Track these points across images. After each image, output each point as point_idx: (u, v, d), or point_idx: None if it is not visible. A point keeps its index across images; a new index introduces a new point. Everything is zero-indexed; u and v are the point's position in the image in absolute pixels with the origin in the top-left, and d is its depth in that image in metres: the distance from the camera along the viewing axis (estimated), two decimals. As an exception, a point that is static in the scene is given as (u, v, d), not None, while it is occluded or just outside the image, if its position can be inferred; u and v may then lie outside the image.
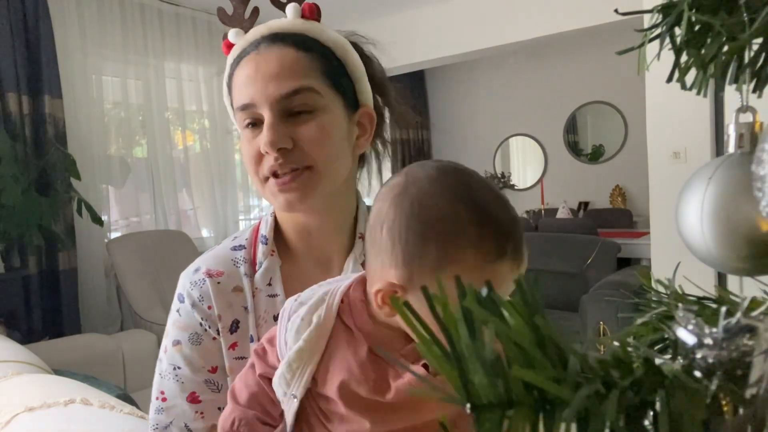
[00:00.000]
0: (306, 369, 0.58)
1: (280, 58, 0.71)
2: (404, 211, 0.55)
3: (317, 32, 0.75)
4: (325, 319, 0.59)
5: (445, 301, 0.21)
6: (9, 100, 2.90)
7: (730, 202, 0.33)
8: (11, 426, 1.07)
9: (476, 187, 0.56)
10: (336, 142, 0.73)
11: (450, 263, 0.53)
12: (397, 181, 0.58)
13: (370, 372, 0.56)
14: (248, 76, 0.72)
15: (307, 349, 0.58)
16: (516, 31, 3.89)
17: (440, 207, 0.54)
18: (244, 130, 0.73)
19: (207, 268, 0.77)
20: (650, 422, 0.20)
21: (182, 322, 0.76)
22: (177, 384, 0.74)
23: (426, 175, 0.56)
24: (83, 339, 2.62)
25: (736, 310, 0.25)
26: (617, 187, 5.29)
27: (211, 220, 4.06)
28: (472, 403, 0.19)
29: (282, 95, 0.70)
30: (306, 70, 0.71)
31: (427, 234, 0.53)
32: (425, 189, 0.55)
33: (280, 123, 0.70)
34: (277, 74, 0.70)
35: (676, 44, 0.32)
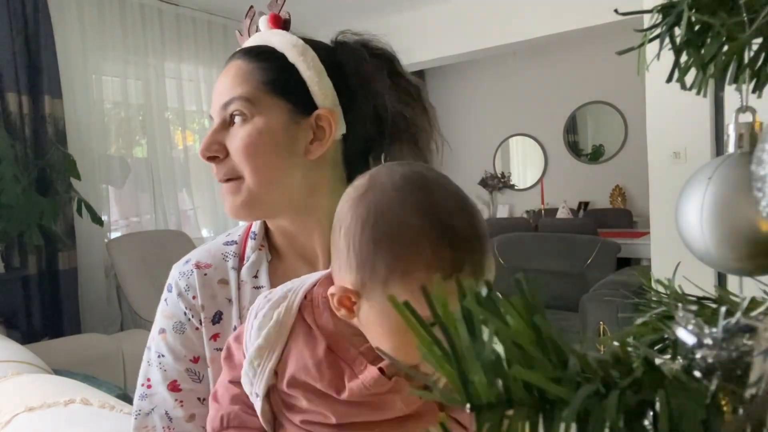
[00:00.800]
0: (266, 366, 0.58)
1: (228, 71, 0.75)
2: (360, 217, 0.53)
3: (273, 41, 0.76)
4: (284, 316, 0.59)
5: (445, 302, 0.21)
6: (9, 100, 2.90)
7: (730, 202, 0.33)
8: (11, 426, 1.08)
9: (440, 198, 0.53)
10: (267, 150, 0.72)
11: (401, 276, 0.51)
12: (359, 183, 0.56)
13: (326, 370, 0.56)
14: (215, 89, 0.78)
15: (267, 346, 0.58)
16: (516, 31, 3.89)
17: (396, 217, 0.52)
18: None
19: (197, 261, 0.80)
20: (650, 422, 0.20)
21: (168, 311, 0.78)
22: (160, 371, 0.76)
23: (389, 180, 0.54)
24: (83, 339, 2.62)
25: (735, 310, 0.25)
26: (617, 187, 5.29)
27: (211, 220, 4.06)
28: (472, 403, 0.19)
29: (220, 105, 0.74)
30: (243, 80, 0.73)
31: (379, 244, 0.52)
32: (385, 196, 0.53)
33: (219, 132, 0.74)
34: (223, 87, 0.74)
35: (676, 44, 0.32)
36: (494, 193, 5.98)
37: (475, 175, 5.95)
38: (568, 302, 3.37)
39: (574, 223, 4.36)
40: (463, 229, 0.52)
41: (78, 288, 3.17)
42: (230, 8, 3.94)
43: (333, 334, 0.58)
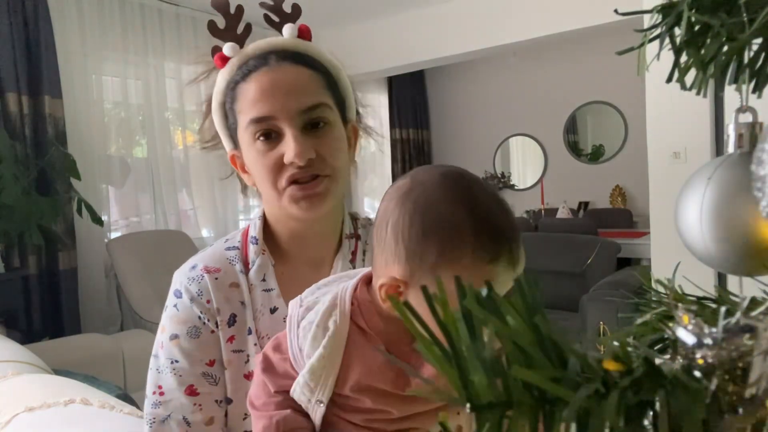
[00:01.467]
0: (330, 374, 0.60)
1: (295, 74, 0.75)
2: (408, 211, 0.58)
3: (317, 52, 0.80)
4: (341, 324, 0.61)
5: (445, 301, 0.21)
6: (9, 100, 2.91)
7: (730, 202, 0.33)
8: (11, 426, 1.08)
9: (477, 192, 0.58)
10: (344, 152, 0.79)
11: (448, 262, 0.56)
12: (402, 183, 0.60)
13: (389, 371, 0.59)
14: (263, 89, 0.74)
15: (328, 355, 0.60)
16: (516, 31, 3.89)
17: (441, 209, 0.57)
18: (256, 142, 0.75)
19: (204, 265, 0.81)
20: (650, 422, 0.20)
21: (180, 316, 0.78)
22: (175, 377, 0.76)
23: (430, 178, 0.59)
24: (83, 339, 2.62)
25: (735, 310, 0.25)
26: (617, 187, 5.29)
27: (211, 220, 4.06)
28: (472, 403, 0.19)
29: (302, 109, 0.74)
30: (319, 86, 0.76)
31: (427, 234, 0.56)
32: (429, 192, 0.58)
33: (303, 135, 0.73)
34: (297, 89, 0.74)
35: (676, 44, 0.32)
36: (494, 193, 5.97)
37: (475, 175, 5.95)
38: (568, 302, 3.37)
39: (574, 223, 4.35)
40: (500, 221, 0.57)
41: (78, 288, 3.17)
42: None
43: (386, 335, 0.61)
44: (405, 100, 5.87)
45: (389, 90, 5.73)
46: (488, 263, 0.56)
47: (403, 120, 5.84)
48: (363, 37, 4.29)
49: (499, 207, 0.59)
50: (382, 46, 4.30)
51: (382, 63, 4.37)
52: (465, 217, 0.56)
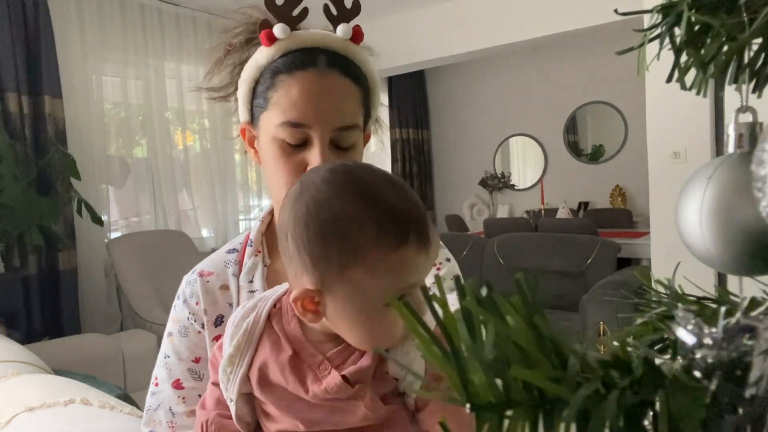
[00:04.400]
0: (237, 373, 0.61)
1: (342, 88, 0.75)
2: (301, 216, 0.56)
3: (363, 62, 0.79)
4: (253, 325, 0.62)
5: (445, 302, 0.21)
6: (9, 100, 2.91)
7: (730, 202, 0.33)
8: (11, 426, 1.07)
9: (369, 180, 0.57)
10: None
11: (355, 259, 0.54)
12: (293, 189, 0.59)
13: (289, 375, 0.59)
14: (308, 95, 0.73)
15: (237, 353, 0.61)
16: (516, 31, 3.89)
17: (333, 205, 0.55)
18: (285, 143, 0.75)
19: (201, 270, 0.84)
20: (650, 422, 0.20)
21: (175, 316, 0.83)
22: (165, 371, 0.81)
23: (319, 177, 0.58)
24: (83, 339, 2.62)
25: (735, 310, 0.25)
26: (617, 187, 5.29)
27: (211, 220, 4.06)
28: (472, 403, 0.19)
29: (338, 127, 0.74)
30: (357, 104, 0.77)
31: (326, 235, 0.55)
32: (318, 191, 0.56)
33: (328, 152, 0.74)
34: (339, 105, 0.74)
35: (676, 44, 0.32)
36: (494, 193, 5.98)
37: (475, 175, 5.96)
38: (568, 302, 3.37)
39: (574, 223, 4.35)
40: (397, 203, 0.55)
41: (78, 288, 3.17)
42: (230, 8, 3.93)
43: (299, 341, 0.61)
44: (405, 100, 5.87)
45: (389, 90, 5.73)
46: (396, 250, 0.54)
47: (403, 120, 5.84)
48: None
49: (396, 190, 0.57)
50: (383, 46, 4.29)
51: (382, 63, 4.36)
52: (359, 207, 0.55)
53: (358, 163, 0.61)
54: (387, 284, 0.55)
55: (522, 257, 3.69)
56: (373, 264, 0.54)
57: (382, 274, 0.55)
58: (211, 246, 4.04)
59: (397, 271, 0.55)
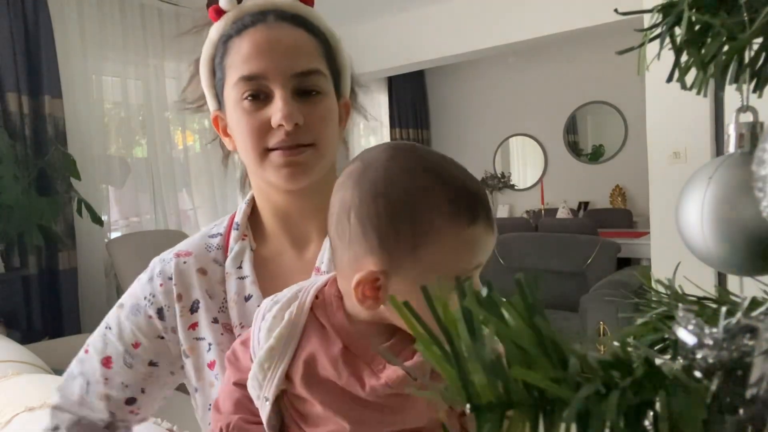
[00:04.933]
0: (278, 368, 0.56)
1: (293, 36, 0.71)
2: (369, 193, 0.53)
3: (318, 19, 0.76)
4: (296, 316, 0.57)
5: (445, 303, 0.21)
6: (9, 100, 2.90)
7: (731, 202, 0.33)
8: (11, 426, 1.07)
9: (434, 159, 0.55)
10: (334, 125, 0.76)
11: (426, 235, 0.52)
12: (353, 167, 0.56)
13: (343, 369, 0.54)
14: (258, 46, 0.70)
15: (278, 347, 0.56)
16: (516, 31, 3.89)
17: (404, 182, 0.53)
18: (242, 101, 0.71)
19: (178, 250, 0.80)
20: (650, 422, 0.20)
21: (134, 291, 0.79)
22: (102, 343, 0.78)
23: (381, 155, 0.55)
24: (83, 339, 2.61)
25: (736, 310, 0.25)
26: (617, 187, 5.29)
27: (211, 220, 4.03)
28: (472, 403, 0.19)
29: (297, 72, 0.70)
30: (316, 53, 0.73)
31: (398, 211, 0.52)
32: (385, 167, 0.54)
33: (292, 99, 0.70)
34: (293, 51, 0.70)
35: (676, 44, 0.32)
36: (494, 193, 5.98)
37: (475, 175, 5.92)
38: (568, 302, 3.37)
39: (574, 223, 4.35)
40: (468, 183, 0.55)
41: (78, 288, 3.17)
42: (230, 8, 3.94)
43: (349, 334, 0.56)
44: (405, 100, 5.87)
45: (389, 90, 5.73)
46: (467, 227, 0.52)
47: (403, 120, 5.84)
48: (363, 37, 4.29)
49: (459, 168, 0.56)
50: (382, 46, 4.30)
51: (382, 63, 4.37)
52: (431, 183, 0.53)
53: (412, 143, 0.58)
54: (457, 263, 0.53)
55: (522, 257, 3.69)
56: (446, 242, 0.52)
57: (454, 253, 0.53)
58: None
59: (468, 249, 0.53)
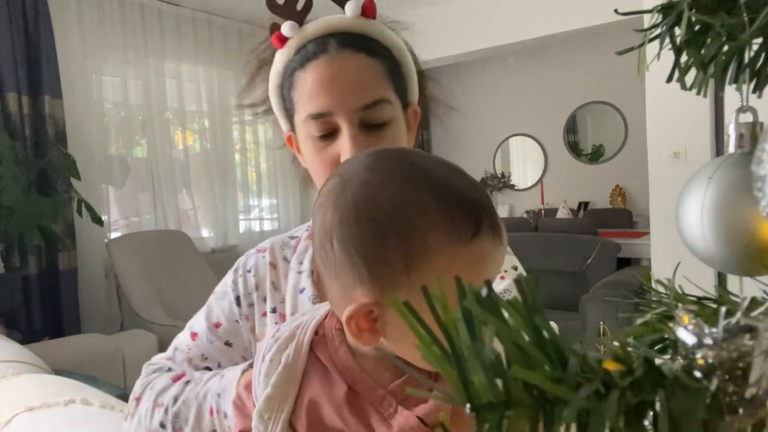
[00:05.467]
0: (278, 419, 0.50)
1: (356, 66, 0.70)
2: (349, 213, 0.46)
3: (379, 33, 0.74)
4: (293, 359, 0.51)
5: (445, 302, 0.21)
6: (9, 100, 2.91)
7: (731, 202, 0.33)
8: (11, 426, 1.07)
9: (424, 163, 0.47)
10: (403, 144, 0.75)
11: (420, 256, 0.44)
12: (331, 184, 0.49)
13: (349, 417, 0.48)
14: (322, 83, 0.69)
15: (277, 395, 0.51)
16: (516, 31, 3.89)
17: (389, 196, 0.45)
18: (313, 137, 0.72)
19: (261, 246, 0.86)
20: (650, 422, 0.20)
21: (224, 279, 0.85)
22: (195, 320, 0.84)
23: (361, 166, 0.48)
24: (83, 339, 2.62)
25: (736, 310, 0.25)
26: (617, 187, 5.29)
27: (211, 220, 4.06)
28: (472, 404, 0.19)
29: (361, 107, 0.69)
30: (380, 79, 0.71)
31: (383, 231, 0.45)
32: (365, 181, 0.47)
33: (361, 134, 0.69)
34: (356, 84, 0.69)
35: (676, 44, 0.32)
36: (494, 193, 5.98)
37: (475, 175, 5.92)
38: (568, 302, 3.37)
39: (574, 223, 4.35)
40: (462, 186, 0.47)
41: (78, 288, 3.17)
42: (230, 8, 3.94)
43: (353, 373, 0.50)
44: (405, 100, 5.86)
45: (389, 90, 5.73)
46: (469, 242, 0.44)
47: (403, 120, 5.83)
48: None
49: (455, 173, 0.48)
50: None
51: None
52: (420, 194, 0.45)
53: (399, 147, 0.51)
54: None
55: (522, 257, 3.68)
56: (444, 262, 0.44)
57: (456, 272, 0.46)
58: (211, 246, 4.04)
59: (473, 268, 0.45)
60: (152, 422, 0.73)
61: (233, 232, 4.16)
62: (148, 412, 0.74)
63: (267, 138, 4.48)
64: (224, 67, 4.05)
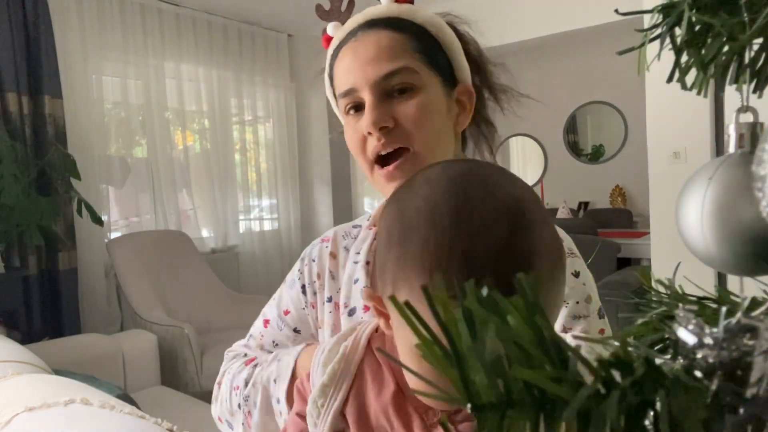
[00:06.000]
0: (331, 407, 0.51)
1: (376, 41, 0.72)
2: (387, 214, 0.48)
3: (410, 13, 0.75)
4: (351, 350, 0.53)
5: (445, 301, 0.21)
6: (9, 100, 2.91)
7: (731, 202, 0.33)
8: (11, 426, 1.07)
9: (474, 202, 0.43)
10: (435, 119, 0.73)
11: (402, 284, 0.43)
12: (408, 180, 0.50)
13: (393, 418, 0.48)
14: (347, 62, 0.73)
15: (331, 384, 0.52)
16: (516, 31, 3.89)
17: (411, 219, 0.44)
18: (347, 117, 0.74)
19: (325, 236, 0.88)
20: (650, 422, 0.20)
21: (293, 268, 0.87)
22: (267, 307, 0.88)
23: (432, 177, 0.47)
24: (83, 339, 2.62)
25: (736, 310, 0.25)
26: (617, 187, 5.29)
27: (211, 220, 4.06)
28: (473, 403, 0.19)
29: (380, 76, 0.70)
30: (401, 50, 0.71)
31: (390, 244, 0.45)
32: (415, 194, 0.46)
33: (381, 103, 0.70)
34: (375, 57, 0.70)
35: (677, 44, 0.32)
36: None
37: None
38: (568, 302, 3.36)
39: (574, 223, 4.35)
40: (485, 244, 0.41)
41: (78, 288, 3.17)
42: (230, 8, 3.94)
43: (404, 374, 0.49)
44: (405, 100, 5.86)
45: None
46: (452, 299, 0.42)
47: (403, 120, 5.83)
48: (363, 37, 4.28)
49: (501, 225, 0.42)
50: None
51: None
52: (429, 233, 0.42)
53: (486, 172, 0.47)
54: None
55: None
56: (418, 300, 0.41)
57: None
58: (211, 246, 4.04)
59: None
60: (232, 404, 0.77)
61: (233, 232, 4.16)
62: (228, 394, 0.78)
63: (267, 138, 4.48)
64: (224, 67, 4.05)
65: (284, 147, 4.47)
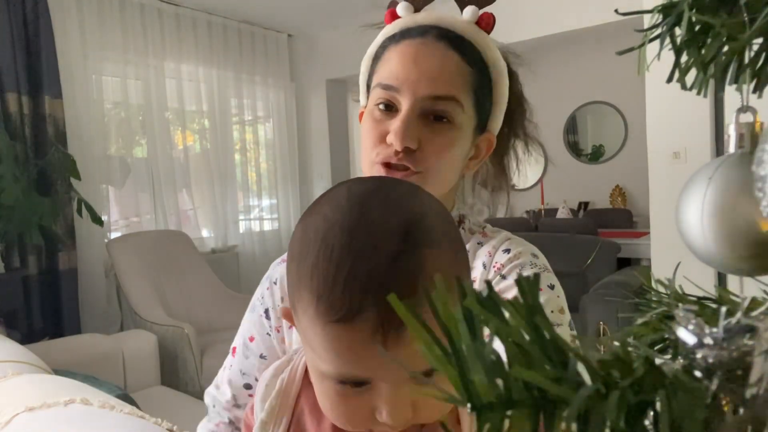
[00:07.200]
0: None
1: (441, 57, 0.69)
2: (295, 231, 0.47)
3: (484, 46, 0.73)
4: (288, 383, 0.51)
5: (446, 300, 0.21)
6: (9, 100, 2.91)
7: (731, 202, 0.33)
8: (11, 426, 1.07)
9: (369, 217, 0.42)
10: (455, 157, 0.72)
11: (298, 304, 0.43)
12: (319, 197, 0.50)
13: None
14: (405, 58, 0.69)
15: (270, 420, 0.50)
16: (516, 31, 3.89)
17: (308, 237, 0.44)
18: (374, 108, 0.71)
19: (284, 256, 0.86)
20: (650, 422, 0.20)
21: (256, 292, 0.84)
22: (236, 335, 0.85)
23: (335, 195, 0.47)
24: (83, 339, 2.62)
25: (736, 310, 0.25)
26: (617, 187, 5.29)
27: (211, 220, 4.06)
28: (473, 403, 0.19)
29: (429, 96, 0.67)
30: (460, 80, 0.69)
31: (291, 263, 0.45)
32: (317, 212, 0.46)
33: (415, 121, 0.68)
34: (433, 73, 0.68)
35: (677, 44, 0.32)
36: (494, 193, 5.98)
37: (475, 175, 5.96)
38: (568, 302, 3.36)
39: (574, 223, 4.35)
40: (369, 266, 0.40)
41: (78, 288, 3.17)
42: (230, 8, 3.94)
43: None
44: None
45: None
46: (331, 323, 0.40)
47: (403, 120, 5.83)
48: (363, 38, 4.29)
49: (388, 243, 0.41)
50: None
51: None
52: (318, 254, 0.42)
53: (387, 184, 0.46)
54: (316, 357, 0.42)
55: (522, 257, 3.67)
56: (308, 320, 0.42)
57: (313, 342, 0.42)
58: (211, 246, 4.04)
59: (327, 348, 0.41)
60: None
61: (233, 232, 4.16)
62: None
63: (267, 138, 4.49)
64: (224, 67, 4.05)
65: (284, 147, 4.47)
